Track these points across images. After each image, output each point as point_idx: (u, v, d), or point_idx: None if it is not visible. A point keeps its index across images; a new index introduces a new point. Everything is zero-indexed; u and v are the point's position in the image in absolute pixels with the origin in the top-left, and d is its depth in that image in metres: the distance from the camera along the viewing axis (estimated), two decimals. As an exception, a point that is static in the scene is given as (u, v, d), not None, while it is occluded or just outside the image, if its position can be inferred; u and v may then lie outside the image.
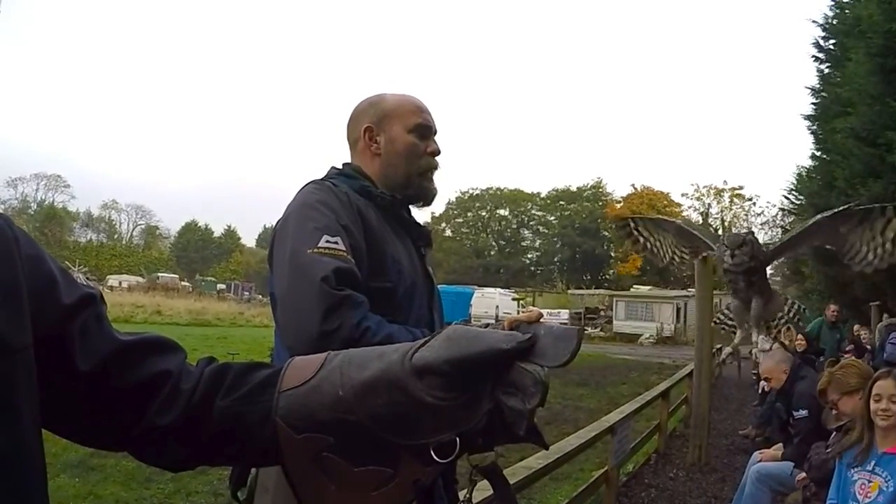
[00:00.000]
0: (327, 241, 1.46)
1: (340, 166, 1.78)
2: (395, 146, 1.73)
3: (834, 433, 3.74)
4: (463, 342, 0.71)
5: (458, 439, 0.72)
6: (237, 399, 0.77)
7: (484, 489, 2.15)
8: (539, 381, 0.70)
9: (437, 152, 1.78)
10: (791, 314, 2.82)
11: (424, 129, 1.76)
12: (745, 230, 4.08)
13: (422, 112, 1.78)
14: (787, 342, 8.11)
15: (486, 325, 0.90)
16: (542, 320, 0.84)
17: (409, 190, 1.74)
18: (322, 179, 1.69)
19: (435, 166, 1.78)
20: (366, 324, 1.40)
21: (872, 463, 2.93)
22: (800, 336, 9.23)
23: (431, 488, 1.50)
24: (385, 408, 0.70)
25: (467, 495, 0.86)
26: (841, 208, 2.61)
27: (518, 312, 1.56)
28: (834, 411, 3.64)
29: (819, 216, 2.67)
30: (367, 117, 1.78)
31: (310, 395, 0.74)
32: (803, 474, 4.05)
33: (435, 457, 0.72)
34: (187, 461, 0.81)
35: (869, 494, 2.88)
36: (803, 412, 4.44)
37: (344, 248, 1.47)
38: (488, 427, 0.72)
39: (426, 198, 1.79)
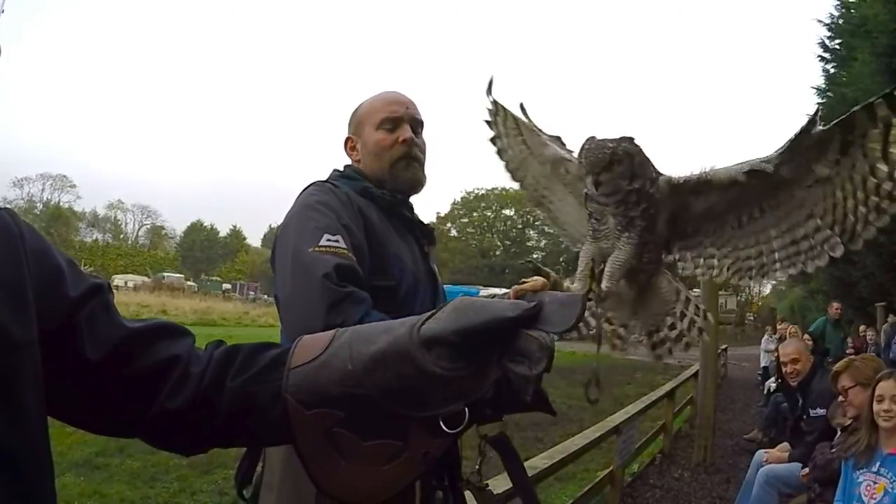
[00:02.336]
0: (328, 240, 1.47)
1: (342, 168, 1.79)
2: (367, 147, 1.76)
3: (839, 433, 3.74)
4: (470, 312, 0.70)
5: (466, 410, 0.72)
6: (247, 379, 0.78)
7: (495, 487, 2.15)
8: (545, 347, 0.69)
9: (407, 139, 1.74)
10: (686, 320, 1.39)
11: (392, 121, 1.74)
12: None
13: (389, 105, 1.76)
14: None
15: (493, 296, 0.89)
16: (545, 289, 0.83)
17: (389, 184, 1.73)
18: (323, 181, 1.70)
19: (406, 153, 1.74)
20: (368, 321, 1.41)
21: (877, 464, 2.92)
22: (805, 336, 9.19)
23: (441, 477, 1.50)
24: (394, 380, 0.71)
25: (476, 466, 0.86)
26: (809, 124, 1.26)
27: None
28: (842, 398, 3.64)
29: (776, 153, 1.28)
30: (348, 129, 1.82)
31: (319, 370, 0.74)
32: (806, 471, 4.04)
33: (444, 428, 0.72)
34: (200, 444, 0.82)
35: (874, 496, 2.87)
36: (821, 411, 4.39)
37: (345, 247, 1.48)
38: (496, 396, 0.72)
39: (408, 187, 1.76)
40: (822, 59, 15.98)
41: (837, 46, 15.45)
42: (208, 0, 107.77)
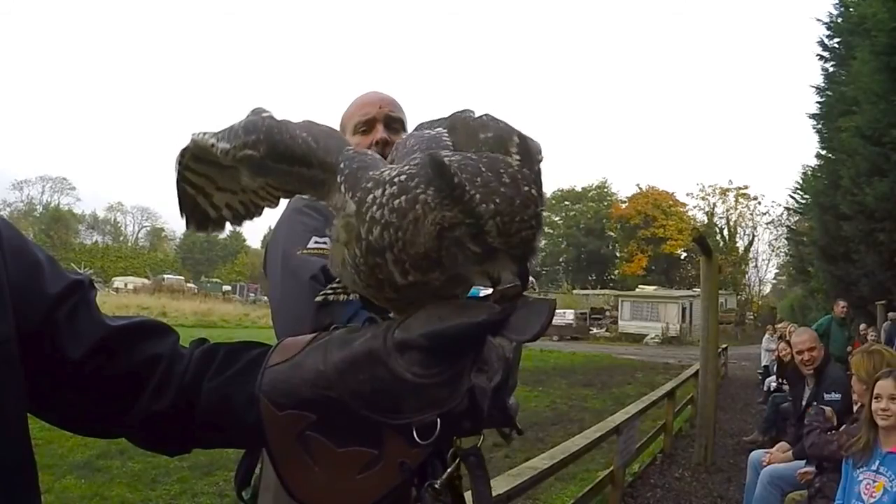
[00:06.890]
0: (316, 242, 1.49)
1: None
2: None
3: (843, 425, 3.75)
4: (441, 314, 0.66)
5: (439, 420, 0.67)
6: (224, 380, 0.76)
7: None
8: (501, 358, 0.66)
9: (378, 141, 1.71)
10: None
11: (366, 124, 1.73)
12: None
13: (362, 107, 1.75)
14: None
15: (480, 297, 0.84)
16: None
17: None
18: None
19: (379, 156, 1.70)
20: (357, 321, 1.42)
21: (877, 463, 2.92)
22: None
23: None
24: (367, 384, 0.67)
25: (448, 476, 0.83)
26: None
27: None
28: (849, 373, 3.66)
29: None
30: None
31: (293, 371, 0.72)
32: (805, 469, 4.04)
33: (417, 438, 0.68)
34: (183, 445, 0.80)
35: (874, 494, 2.88)
36: (836, 395, 4.38)
37: None
38: (474, 408, 0.68)
39: None
40: (822, 57, 16.03)
41: (836, 45, 15.50)
42: (207, 1, 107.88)
